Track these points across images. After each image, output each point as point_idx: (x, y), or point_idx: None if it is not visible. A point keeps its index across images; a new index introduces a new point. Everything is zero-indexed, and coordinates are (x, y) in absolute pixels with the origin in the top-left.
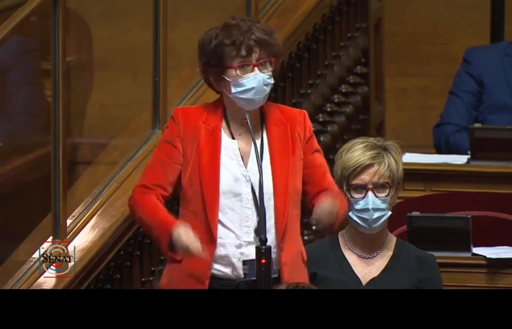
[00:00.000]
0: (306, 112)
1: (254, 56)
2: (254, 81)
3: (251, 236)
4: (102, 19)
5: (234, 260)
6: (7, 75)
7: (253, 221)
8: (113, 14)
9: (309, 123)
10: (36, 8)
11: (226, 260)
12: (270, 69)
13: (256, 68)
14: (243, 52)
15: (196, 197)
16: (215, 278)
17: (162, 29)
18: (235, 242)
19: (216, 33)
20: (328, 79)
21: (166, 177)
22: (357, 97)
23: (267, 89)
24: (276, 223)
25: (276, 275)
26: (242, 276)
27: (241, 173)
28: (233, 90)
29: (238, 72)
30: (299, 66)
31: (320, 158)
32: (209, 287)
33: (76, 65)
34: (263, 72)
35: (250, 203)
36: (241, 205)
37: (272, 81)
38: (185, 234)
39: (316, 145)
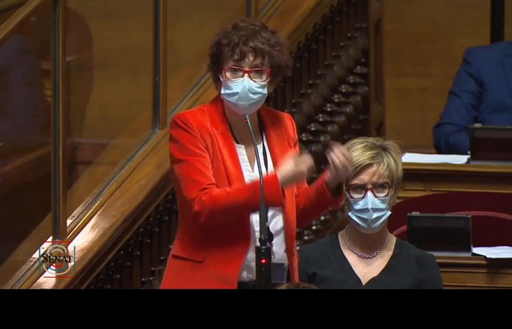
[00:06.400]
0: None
1: (248, 62)
2: (239, 87)
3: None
4: (102, 19)
5: (248, 263)
6: (7, 75)
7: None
8: (113, 14)
9: (294, 125)
10: (36, 8)
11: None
12: (265, 79)
13: (246, 74)
14: (236, 56)
15: None
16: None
17: (162, 29)
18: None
19: (222, 32)
20: (328, 79)
21: (211, 176)
22: (357, 97)
23: (255, 97)
24: (286, 227)
25: (284, 281)
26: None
27: (250, 177)
28: (222, 91)
29: (228, 74)
30: (299, 66)
31: None
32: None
33: (76, 65)
34: (254, 81)
35: None
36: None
37: (263, 91)
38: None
39: (297, 148)
